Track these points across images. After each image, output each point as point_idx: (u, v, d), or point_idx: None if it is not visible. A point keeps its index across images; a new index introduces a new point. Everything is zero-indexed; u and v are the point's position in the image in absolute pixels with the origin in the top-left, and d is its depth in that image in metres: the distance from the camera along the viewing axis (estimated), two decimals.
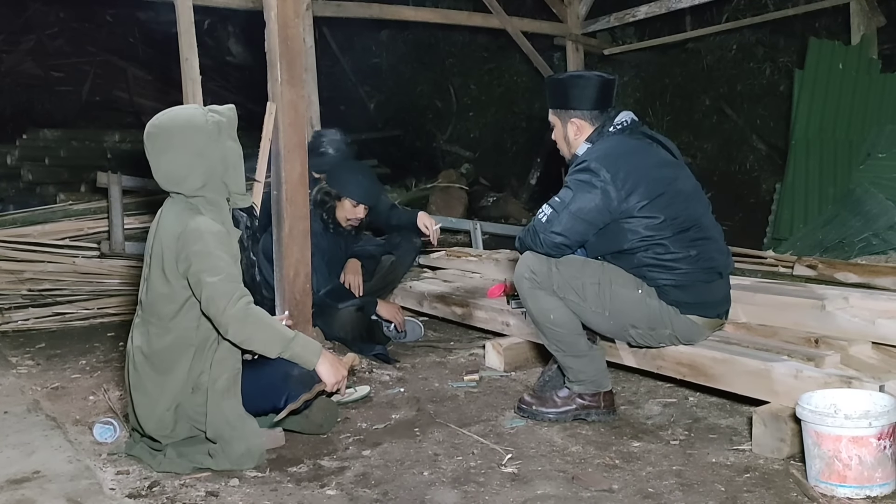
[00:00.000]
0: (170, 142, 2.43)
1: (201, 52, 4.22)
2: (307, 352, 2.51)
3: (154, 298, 2.46)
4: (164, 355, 2.45)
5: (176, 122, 2.46)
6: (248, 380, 2.53)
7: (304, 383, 2.59)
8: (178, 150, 2.43)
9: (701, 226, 2.71)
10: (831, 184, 5.75)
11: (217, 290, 2.36)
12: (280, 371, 2.58)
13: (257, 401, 2.56)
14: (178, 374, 2.45)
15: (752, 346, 2.75)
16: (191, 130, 2.43)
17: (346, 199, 3.91)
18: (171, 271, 2.41)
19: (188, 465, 2.46)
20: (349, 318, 3.82)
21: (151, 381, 2.47)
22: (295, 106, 3.61)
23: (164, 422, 2.46)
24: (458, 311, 4.02)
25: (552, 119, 2.89)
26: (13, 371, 3.71)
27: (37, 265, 4.68)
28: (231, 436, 2.45)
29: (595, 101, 2.79)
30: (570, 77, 3.15)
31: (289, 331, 2.52)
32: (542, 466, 2.40)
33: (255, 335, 2.42)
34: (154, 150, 2.45)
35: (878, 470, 2.08)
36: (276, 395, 2.58)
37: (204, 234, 2.39)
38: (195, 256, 2.37)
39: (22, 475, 2.43)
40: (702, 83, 8.17)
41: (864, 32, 6.02)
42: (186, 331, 2.44)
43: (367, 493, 2.26)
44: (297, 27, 3.60)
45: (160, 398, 2.45)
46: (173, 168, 2.44)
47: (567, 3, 7.12)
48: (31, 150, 8.31)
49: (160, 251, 2.44)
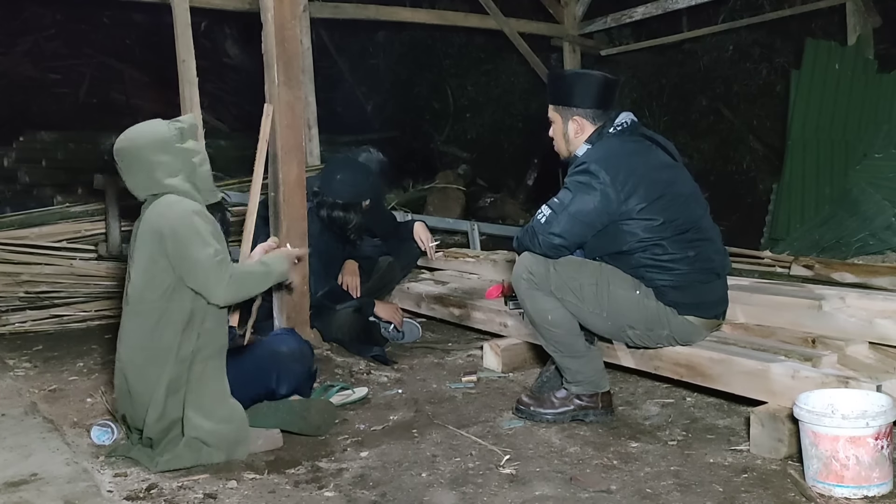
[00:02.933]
0: (137, 154, 2.53)
1: (198, 54, 4.23)
2: (278, 265, 2.67)
3: (141, 287, 2.49)
4: (156, 337, 2.47)
5: (139, 135, 2.57)
6: (236, 364, 2.56)
7: (295, 360, 2.64)
8: (145, 158, 2.53)
9: (699, 227, 2.71)
10: (828, 184, 5.76)
11: (206, 270, 2.44)
12: (267, 350, 2.62)
13: (249, 385, 2.60)
14: (169, 351, 2.47)
15: (749, 347, 2.75)
16: (158, 140, 2.54)
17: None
18: (157, 254, 2.45)
19: (187, 460, 2.46)
20: (347, 319, 3.82)
21: (146, 367, 2.48)
22: (292, 107, 3.62)
23: (158, 401, 2.46)
24: (456, 312, 4.02)
25: (552, 115, 2.86)
26: (10, 373, 3.70)
27: (34, 267, 4.67)
28: (211, 404, 2.48)
29: (598, 100, 2.78)
30: (574, 73, 3.15)
31: (258, 265, 2.66)
32: (540, 467, 2.40)
33: (242, 292, 2.55)
34: (124, 166, 2.57)
35: (876, 470, 2.08)
36: (267, 375, 2.62)
37: (187, 213, 2.47)
38: (180, 235, 2.44)
39: (19, 478, 2.43)
40: (698, 84, 8.18)
41: (861, 33, 6.04)
42: (174, 311, 2.47)
43: (366, 495, 2.26)
44: (293, 29, 3.60)
45: (157, 382, 2.46)
46: (143, 175, 2.54)
47: (564, 3, 7.14)
48: (28, 152, 8.29)
49: (145, 240, 2.49)
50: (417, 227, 4.21)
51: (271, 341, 2.72)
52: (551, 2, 7.12)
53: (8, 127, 8.76)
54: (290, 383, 2.68)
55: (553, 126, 2.87)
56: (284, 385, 2.67)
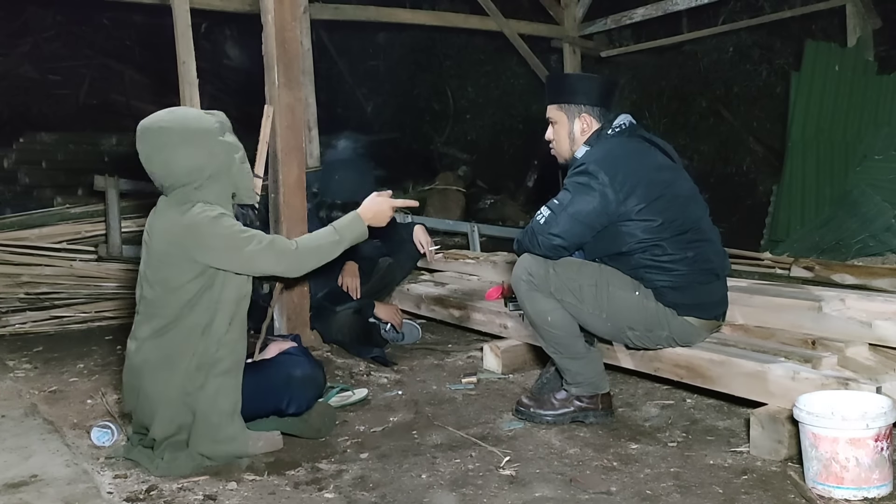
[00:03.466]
0: (185, 137, 2.41)
1: (198, 56, 4.22)
2: (354, 230, 2.61)
3: (160, 293, 2.45)
4: (174, 342, 2.44)
5: (187, 118, 2.48)
6: (249, 382, 2.53)
7: (307, 385, 2.61)
8: (193, 145, 2.42)
9: (699, 228, 2.71)
10: (828, 185, 5.76)
11: (259, 257, 2.42)
12: (282, 373, 2.60)
13: (259, 401, 2.58)
14: (184, 357, 2.44)
15: (749, 348, 2.75)
16: (203, 126, 2.45)
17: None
18: (184, 263, 2.40)
19: (186, 467, 2.46)
20: (347, 320, 3.82)
21: (159, 369, 2.45)
22: (292, 109, 3.62)
23: (169, 404, 2.44)
24: (456, 314, 4.02)
25: (555, 115, 2.83)
26: (10, 375, 3.70)
27: (34, 268, 4.68)
28: (219, 422, 2.46)
29: (602, 98, 2.79)
30: (577, 73, 3.16)
31: (328, 232, 2.59)
32: (540, 469, 2.40)
33: (311, 260, 2.55)
34: (167, 145, 2.41)
35: (876, 471, 2.08)
36: (278, 398, 2.59)
37: (210, 220, 2.40)
38: (215, 243, 2.39)
39: (19, 479, 2.43)
40: (698, 85, 8.19)
41: (860, 34, 6.05)
42: (196, 320, 2.44)
43: (366, 496, 2.26)
44: (294, 30, 3.61)
45: (169, 385, 2.44)
46: (189, 162, 2.41)
47: (564, 5, 7.14)
48: (28, 153, 8.30)
49: (163, 248, 2.44)
50: (417, 230, 4.21)
51: (286, 363, 2.66)
52: (551, 3, 7.12)
53: (8, 128, 8.77)
54: (299, 406, 2.64)
55: (555, 127, 2.84)
56: (294, 407, 2.63)
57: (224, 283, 2.46)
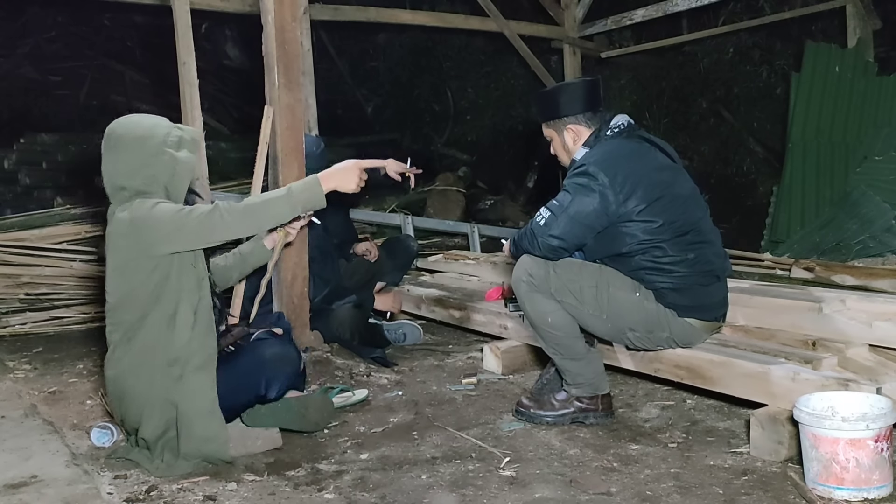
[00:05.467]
0: (125, 143, 2.47)
1: (199, 56, 4.23)
2: (307, 190, 2.51)
3: (122, 296, 2.47)
4: (145, 341, 2.45)
5: (138, 125, 2.51)
6: (223, 374, 2.53)
7: (280, 363, 2.62)
8: (130, 151, 2.46)
9: (699, 229, 2.71)
10: (828, 186, 5.76)
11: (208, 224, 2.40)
12: (253, 358, 2.61)
13: (237, 392, 2.57)
14: (158, 353, 2.45)
15: (749, 349, 2.76)
16: (149, 134, 2.47)
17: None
18: (140, 260, 2.42)
19: (185, 467, 2.46)
20: (347, 315, 3.81)
21: (137, 372, 2.46)
22: (292, 109, 3.62)
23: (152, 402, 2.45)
24: (456, 315, 4.02)
25: (548, 133, 2.90)
26: (10, 375, 3.70)
27: (34, 269, 4.68)
28: (196, 421, 2.45)
29: (584, 103, 2.82)
30: (555, 87, 3.21)
31: (280, 190, 2.52)
32: (540, 469, 2.40)
33: (260, 213, 2.48)
34: (110, 149, 2.49)
35: (876, 472, 2.08)
36: (255, 383, 2.60)
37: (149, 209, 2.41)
38: (164, 228, 2.40)
39: (19, 480, 2.43)
40: (698, 86, 8.20)
41: (860, 35, 6.05)
42: (161, 313, 2.44)
43: (366, 497, 2.26)
44: (294, 31, 3.60)
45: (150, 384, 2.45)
46: (123, 167, 2.46)
47: (564, 6, 7.14)
48: (29, 153, 8.29)
49: (116, 251, 2.46)
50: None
51: (254, 347, 2.68)
52: (551, 4, 7.12)
53: (8, 129, 8.76)
54: (279, 386, 2.64)
55: (552, 143, 2.91)
56: (274, 388, 2.63)
57: (180, 272, 2.46)
